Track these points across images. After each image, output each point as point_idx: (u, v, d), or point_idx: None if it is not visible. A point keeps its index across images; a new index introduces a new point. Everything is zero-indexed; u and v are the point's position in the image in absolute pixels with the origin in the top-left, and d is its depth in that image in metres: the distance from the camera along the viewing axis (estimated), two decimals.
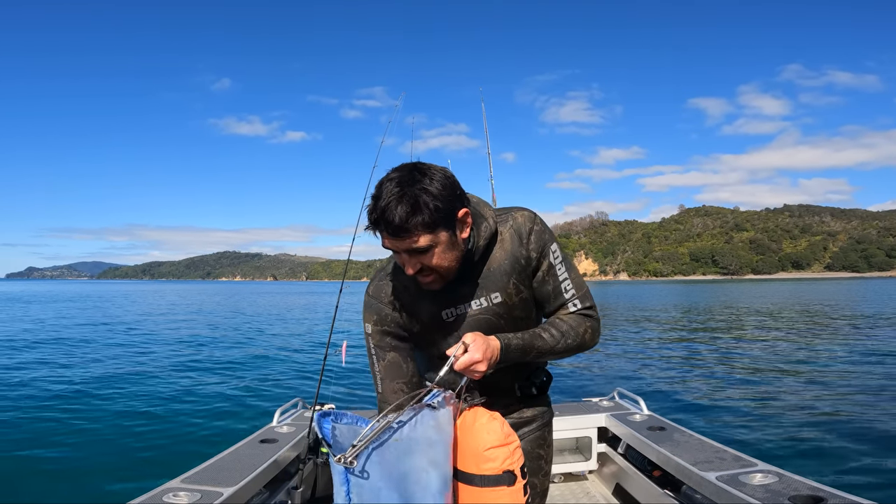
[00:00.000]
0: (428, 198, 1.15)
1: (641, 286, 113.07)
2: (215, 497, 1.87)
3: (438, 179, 1.18)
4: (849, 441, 4.73)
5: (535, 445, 1.51)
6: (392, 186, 1.16)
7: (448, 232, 1.21)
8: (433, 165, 1.23)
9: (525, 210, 1.40)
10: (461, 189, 1.25)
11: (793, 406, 6.06)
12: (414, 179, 1.16)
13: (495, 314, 1.35)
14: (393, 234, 1.17)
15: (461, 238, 1.25)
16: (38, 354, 11.79)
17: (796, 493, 1.72)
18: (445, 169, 1.24)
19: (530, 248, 1.34)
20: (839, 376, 7.51)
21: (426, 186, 1.16)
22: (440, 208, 1.16)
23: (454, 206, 1.21)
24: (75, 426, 6.04)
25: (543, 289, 1.37)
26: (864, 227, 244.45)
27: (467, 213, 1.24)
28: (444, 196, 1.17)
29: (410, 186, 1.15)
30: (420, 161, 1.25)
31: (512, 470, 1.17)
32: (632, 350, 11.16)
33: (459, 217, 1.23)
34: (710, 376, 8.00)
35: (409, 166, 1.21)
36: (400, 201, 1.14)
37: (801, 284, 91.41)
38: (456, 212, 1.21)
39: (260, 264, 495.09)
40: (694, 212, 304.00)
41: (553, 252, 1.36)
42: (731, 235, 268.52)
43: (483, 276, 1.34)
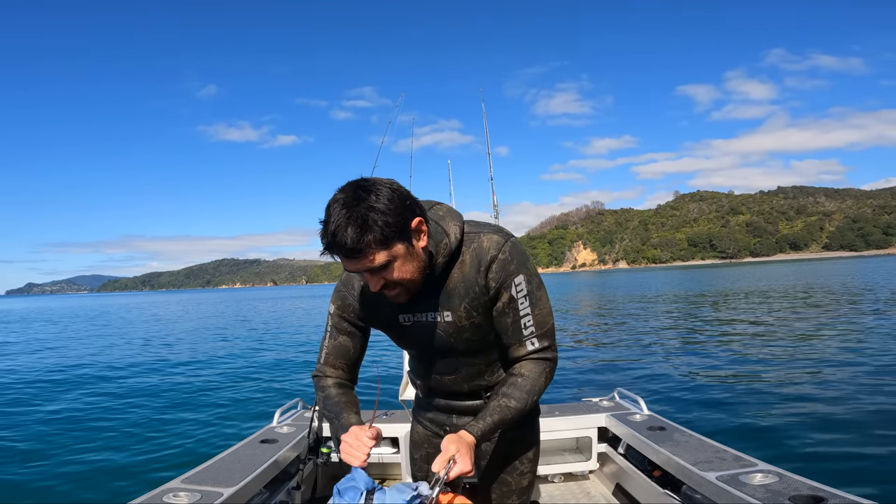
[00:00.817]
0: (376, 215, 1.13)
1: (641, 273, 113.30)
2: (215, 497, 1.86)
3: (384, 194, 1.16)
4: (849, 441, 4.72)
5: (508, 446, 1.53)
6: (339, 209, 1.13)
7: (403, 244, 1.19)
8: (379, 180, 1.20)
9: (496, 235, 1.33)
10: (412, 199, 1.22)
11: (793, 406, 6.05)
12: (359, 198, 1.14)
13: (445, 331, 1.37)
14: (347, 257, 1.17)
15: (419, 248, 1.24)
16: (38, 355, 11.84)
17: (797, 493, 1.71)
18: (392, 182, 1.21)
19: (489, 277, 1.30)
20: (840, 376, 7.51)
21: (372, 204, 1.13)
22: (390, 223, 1.14)
23: (405, 218, 1.18)
24: (75, 426, 6.06)
25: (502, 321, 1.34)
26: (858, 206, 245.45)
27: (421, 222, 1.22)
28: (393, 210, 1.15)
29: (356, 206, 1.13)
30: (364, 177, 1.21)
31: None
32: (632, 350, 11.16)
33: (413, 227, 1.21)
34: (711, 376, 8.00)
35: (353, 185, 1.18)
36: (349, 223, 1.12)
37: (801, 266, 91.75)
38: (409, 223, 1.19)
39: (259, 270, 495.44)
40: (689, 197, 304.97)
41: (517, 285, 1.31)
42: (728, 219, 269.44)
43: (442, 292, 1.34)
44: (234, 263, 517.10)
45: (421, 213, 1.23)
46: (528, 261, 1.34)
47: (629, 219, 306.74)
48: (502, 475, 1.54)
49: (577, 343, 12.73)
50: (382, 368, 6.70)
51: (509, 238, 1.33)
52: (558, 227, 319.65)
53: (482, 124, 4.39)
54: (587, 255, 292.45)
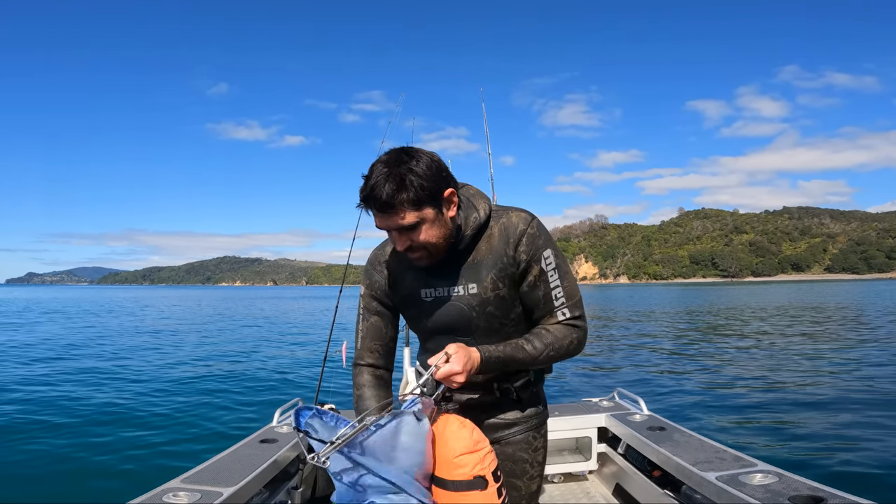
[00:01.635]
0: (413, 177, 1.23)
1: (641, 289, 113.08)
2: (215, 497, 1.87)
3: (424, 161, 1.27)
4: (849, 441, 4.72)
5: (519, 449, 1.52)
6: (381, 167, 1.25)
7: (434, 209, 1.28)
8: (421, 149, 1.31)
9: (523, 212, 1.41)
10: (448, 172, 1.33)
11: (793, 406, 6.06)
12: (401, 161, 1.25)
13: (468, 305, 1.40)
14: (381, 211, 1.26)
15: (448, 216, 1.33)
16: (39, 355, 11.86)
17: (796, 493, 1.71)
18: (433, 153, 1.31)
19: (519, 250, 1.37)
20: (839, 376, 7.50)
21: (412, 167, 1.24)
22: (425, 186, 1.24)
23: (439, 186, 1.28)
24: (74, 426, 6.05)
25: (533, 294, 1.40)
26: (863, 228, 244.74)
27: (453, 193, 1.32)
28: (429, 176, 1.25)
29: (397, 167, 1.24)
30: (409, 146, 1.32)
31: (483, 475, 1.21)
32: (632, 350, 11.15)
33: (445, 196, 1.30)
34: (711, 376, 8.00)
35: (398, 150, 1.30)
36: (387, 180, 1.23)
37: (801, 286, 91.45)
38: (442, 191, 1.29)
39: (260, 269, 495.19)
40: (693, 214, 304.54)
41: (546, 258, 1.37)
42: (731, 238, 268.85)
43: (466, 266, 1.40)
44: (236, 261, 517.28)
45: (454, 186, 1.33)
46: (552, 238, 1.41)
47: (632, 234, 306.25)
48: (513, 480, 1.52)
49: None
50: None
51: (536, 216, 1.41)
52: (561, 240, 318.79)
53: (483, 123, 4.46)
54: (588, 268, 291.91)
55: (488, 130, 4.42)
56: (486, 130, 4.38)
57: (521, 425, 1.52)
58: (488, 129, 4.44)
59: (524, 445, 1.53)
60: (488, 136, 4.34)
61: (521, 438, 1.53)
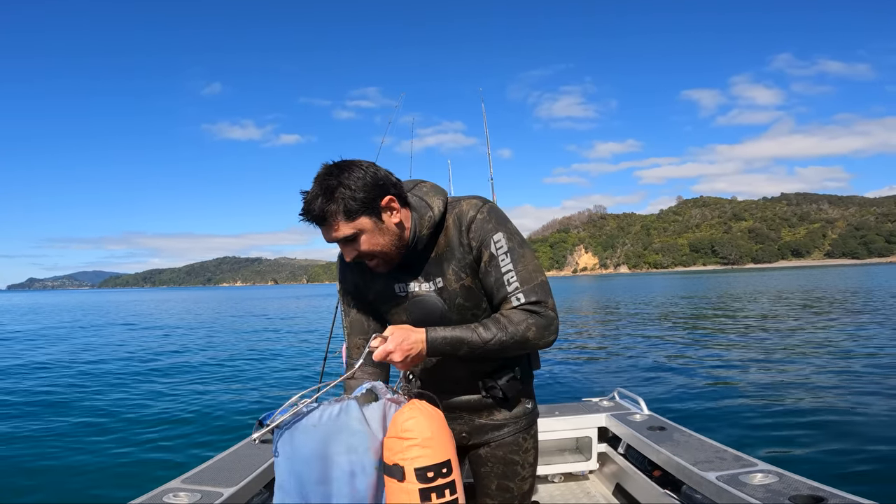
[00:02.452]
0: (343, 189, 1.26)
1: (642, 278, 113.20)
2: (215, 497, 1.87)
3: (356, 173, 1.28)
4: (850, 441, 4.72)
5: (509, 451, 1.52)
6: (315, 183, 1.29)
7: (371, 219, 1.30)
8: (358, 161, 1.32)
9: (475, 198, 1.41)
10: (386, 180, 1.32)
11: (793, 405, 6.06)
12: (331, 174, 1.28)
13: (439, 298, 1.42)
14: (316, 224, 1.30)
15: (391, 223, 1.33)
16: (38, 353, 11.88)
17: (797, 493, 1.71)
18: (370, 164, 1.32)
19: (470, 237, 1.37)
20: (841, 376, 7.51)
21: (342, 180, 1.26)
22: (356, 198, 1.26)
23: (374, 195, 1.29)
24: (75, 426, 6.06)
25: (486, 280, 1.38)
26: (861, 213, 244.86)
27: (392, 200, 1.32)
28: (361, 186, 1.27)
29: (328, 181, 1.27)
30: (347, 159, 1.33)
31: (401, 466, 1.17)
32: (632, 349, 11.16)
33: (383, 205, 1.31)
34: (711, 376, 8.01)
35: (333, 164, 1.31)
36: (319, 195, 1.27)
37: (802, 272, 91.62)
38: (378, 200, 1.29)
39: (260, 269, 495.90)
40: (692, 203, 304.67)
41: (496, 242, 1.36)
42: (730, 225, 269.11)
43: (431, 261, 1.42)
44: (236, 261, 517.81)
45: (396, 192, 1.33)
46: (508, 221, 1.39)
47: (631, 223, 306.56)
48: (505, 482, 1.53)
49: (577, 343, 12.73)
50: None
51: (488, 201, 1.40)
52: (560, 231, 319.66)
53: (483, 124, 4.44)
54: (588, 259, 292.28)
55: (488, 132, 4.40)
56: (486, 131, 4.35)
57: (511, 426, 1.52)
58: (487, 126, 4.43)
59: (514, 447, 1.53)
60: (488, 136, 4.31)
61: (511, 441, 1.53)
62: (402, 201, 1.35)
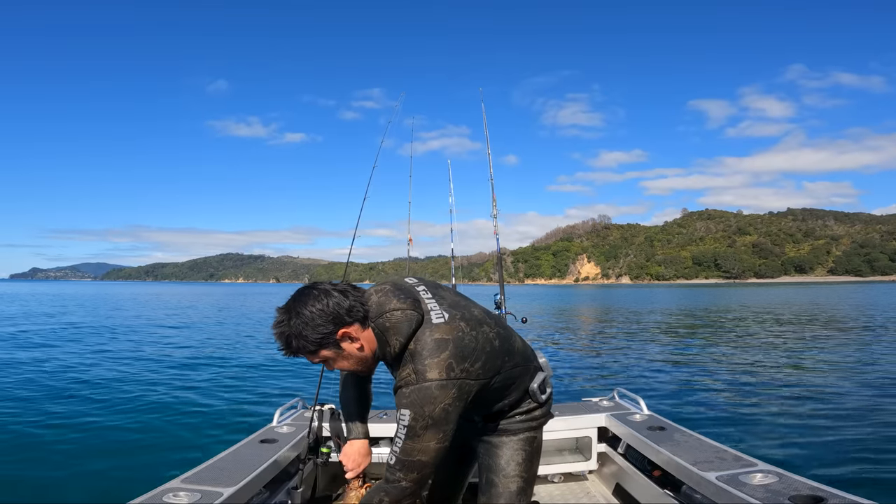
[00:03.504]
0: (295, 339, 1.40)
1: (644, 290, 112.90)
2: (215, 497, 1.88)
3: (305, 316, 1.38)
4: (849, 441, 4.71)
5: (493, 450, 1.67)
6: (275, 321, 1.43)
7: (330, 350, 1.44)
8: (310, 297, 1.40)
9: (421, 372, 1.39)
10: (337, 314, 1.40)
11: (793, 406, 6.05)
12: (282, 322, 1.41)
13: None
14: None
15: (352, 349, 1.45)
16: (38, 352, 11.89)
17: (796, 493, 1.71)
18: (327, 299, 1.39)
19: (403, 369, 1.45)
20: (840, 376, 7.49)
21: (294, 328, 1.39)
22: (309, 339, 1.39)
23: (328, 331, 1.40)
24: (75, 426, 6.06)
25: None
26: (867, 231, 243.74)
27: (347, 333, 1.42)
28: (313, 329, 1.38)
29: (280, 327, 1.42)
30: (309, 287, 1.44)
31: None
32: (632, 350, 11.14)
33: (339, 337, 1.42)
34: (711, 376, 7.99)
35: (292, 299, 1.43)
36: (278, 336, 1.43)
37: (804, 288, 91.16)
38: (333, 334, 1.41)
39: (263, 266, 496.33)
40: (697, 215, 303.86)
41: (402, 414, 1.41)
42: (734, 239, 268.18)
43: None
44: (239, 258, 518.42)
45: (353, 320, 1.42)
46: (427, 404, 1.37)
47: (635, 234, 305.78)
48: (490, 475, 1.64)
49: (577, 344, 12.71)
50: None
51: (423, 383, 1.38)
52: (563, 240, 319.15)
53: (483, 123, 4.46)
54: (591, 268, 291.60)
55: (488, 132, 4.42)
56: (486, 130, 4.37)
57: (506, 435, 1.66)
58: (488, 130, 4.45)
59: (496, 446, 1.66)
60: (488, 136, 4.33)
61: (490, 438, 1.67)
62: (364, 324, 1.44)
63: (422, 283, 1.57)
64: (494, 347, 1.48)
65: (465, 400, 1.42)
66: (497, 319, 1.59)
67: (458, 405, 1.40)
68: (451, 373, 1.38)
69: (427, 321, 1.44)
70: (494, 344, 1.49)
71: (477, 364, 1.42)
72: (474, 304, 1.60)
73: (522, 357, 1.61)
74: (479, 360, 1.43)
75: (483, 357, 1.44)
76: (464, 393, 1.40)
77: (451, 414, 1.39)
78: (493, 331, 1.51)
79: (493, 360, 1.48)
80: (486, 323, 1.51)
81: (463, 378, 1.39)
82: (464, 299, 1.59)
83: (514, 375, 1.57)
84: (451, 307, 1.49)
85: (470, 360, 1.41)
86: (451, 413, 1.39)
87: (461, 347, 1.40)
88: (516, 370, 1.57)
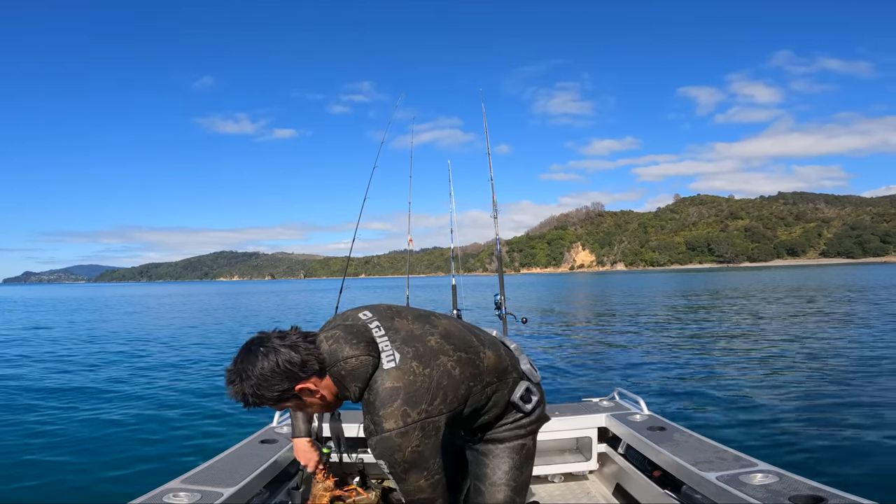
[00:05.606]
0: (250, 392, 1.38)
1: (639, 276, 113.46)
2: (215, 497, 1.88)
3: (258, 376, 1.36)
4: (850, 441, 4.74)
5: (480, 457, 1.67)
6: (227, 379, 1.41)
7: (290, 401, 1.44)
8: (265, 354, 1.37)
9: (389, 416, 1.37)
10: (288, 370, 1.37)
11: (794, 406, 6.08)
12: (240, 375, 1.38)
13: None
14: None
15: (313, 400, 1.45)
16: (39, 353, 11.83)
17: (797, 493, 1.72)
18: (276, 356, 1.36)
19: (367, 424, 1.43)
20: (841, 375, 7.54)
21: (245, 388, 1.37)
22: (266, 397, 1.38)
23: (283, 388, 1.38)
24: (76, 426, 6.05)
25: None
26: (857, 213, 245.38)
27: (304, 389, 1.41)
28: (269, 385, 1.36)
29: (232, 385, 1.39)
30: (256, 343, 1.40)
31: None
32: (632, 349, 11.18)
33: (297, 391, 1.40)
34: (710, 376, 8.02)
35: (240, 356, 1.40)
36: (234, 397, 1.40)
37: (797, 271, 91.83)
38: (290, 390, 1.39)
39: (257, 263, 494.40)
40: (689, 201, 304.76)
41: (381, 465, 1.42)
42: (727, 224, 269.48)
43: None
44: (233, 256, 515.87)
45: (308, 374, 1.39)
46: (395, 452, 1.38)
47: (628, 221, 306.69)
48: (477, 483, 1.65)
49: (577, 343, 12.76)
50: None
51: (382, 434, 1.37)
52: (557, 228, 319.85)
53: (482, 123, 4.44)
54: (585, 256, 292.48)
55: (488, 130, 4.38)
56: (486, 133, 4.33)
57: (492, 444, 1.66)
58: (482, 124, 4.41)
59: (483, 453, 1.65)
60: (488, 138, 4.29)
61: (478, 446, 1.66)
62: (322, 374, 1.42)
63: (375, 318, 1.49)
64: (454, 378, 1.43)
65: (436, 435, 1.41)
66: (460, 340, 1.52)
67: (428, 442, 1.39)
68: (408, 419, 1.36)
69: (380, 367, 1.40)
70: (454, 374, 1.43)
71: (436, 401, 1.39)
72: (435, 326, 1.52)
73: (495, 374, 1.56)
74: (437, 396, 1.39)
75: (440, 393, 1.40)
76: (430, 430, 1.39)
77: (425, 452, 1.39)
78: (452, 359, 1.45)
79: (456, 390, 1.43)
80: (444, 352, 1.45)
81: (423, 419, 1.37)
82: (423, 324, 1.51)
83: (487, 394, 1.54)
84: (403, 343, 1.43)
85: (426, 400, 1.38)
86: (424, 452, 1.38)
87: (412, 392, 1.37)
88: (489, 389, 1.53)
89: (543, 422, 1.70)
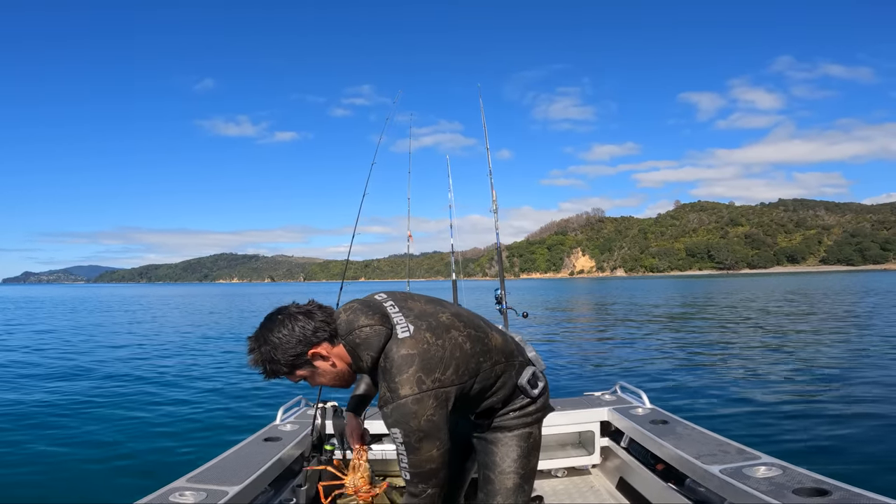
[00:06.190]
0: (267, 364, 1.46)
1: (638, 282, 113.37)
2: (221, 496, 1.88)
3: (271, 343, 1.44)
4: (853, 433, 4.74)
5: (489, 446, 1.68)
6: (248, 347, 1.49)
7: (304, 369, 1.50)
8: (279, 322, 1.46)
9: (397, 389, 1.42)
10: (304, 336, 1.45)
11: (796, 398, 6.08)
12: (253, 350, 1.48)
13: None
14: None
15: (326, 367, 1.51)
16: (40, 352, 11.82)
17: (800, 486, 1.72)
18: (293, 323, 1.45)
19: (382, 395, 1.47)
20: (842, 368, 7.54)
21: (264, 354, 1.46)
22: (280, 361, 1.45)
23: (297, 354, 1.45)
24: (80, 426, 6.04)
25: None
26: (858, 220, 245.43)
27: (317, 354, 1.47)
28: (284, 349, 1.44)
29: (252, 353, 1.48)
30: (277, 312, 1.49)
31: None
32: (633, 344, 11.17)
33: (309, 357, 1.47)
34: (712, 369, 8.03)
35: (262, 325, 1.49)
36: (253, 364, 1.49)
37: (797, 278, 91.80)
38: (303, 355, 1.46)
39: (257, 266, 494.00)
40: (689, 207, 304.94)
41: (394, 433, 1.44)
42: (727, 230, 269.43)
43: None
44: (233, 258, 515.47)
45: (322, 338, 1.47)
46: (411, 419, 1.41)
47: (629, 227, 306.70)
48: (486, 472, 1.67)
49: (579, 338, 12.75)
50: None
51: (398, 400, 1.41)
52: (557, 233, 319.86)
53: (481, 121, 4.45)
54: (585, 261, 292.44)
55: (486, 127, 4.40)
56: (484, 125, 4.36)
57: (501, 432, 1.67)
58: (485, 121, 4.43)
59: (491, 442, 1.67)
60: (486, 130, 4.32)
61: (485, 435, 1.68)
62: (333, 341, 1.49)
63: (390, 299, 1.59)
64: (465, 351, 1.49)
65: (447, 406, 1.45)
66: (469, 320, 1.59)
67: (442, 412, 1.43)
68: (423, 385, 1.41)
69: (394, 336, 1.47)
70: (465, 347, 1.49)
71: (448, 371, 1.44)
72: (445, 307, 1.60)
73: (503, 354, 1.60)
74: (450, 366, 1.44)
75: (453, 363, 1.45)
76: (442, 401, 1.43)
77: (438, 421, 1.43)
78: (463, 334, 1.51)
79: (467, 363, 1.48)
80: (455, 327, 1.52)
81: (436, 388, 1.42)
82: (434, 305, 1.59)
83: (496, 373, 1.58)
84: (417, 318, 1.50)
85: (439, 369, 1.43)
86: (437, 421, 1.42)
87: (427, 359, 1.42)
88: (497, 367, 1.58)
89: (549, 411, 1.73)
